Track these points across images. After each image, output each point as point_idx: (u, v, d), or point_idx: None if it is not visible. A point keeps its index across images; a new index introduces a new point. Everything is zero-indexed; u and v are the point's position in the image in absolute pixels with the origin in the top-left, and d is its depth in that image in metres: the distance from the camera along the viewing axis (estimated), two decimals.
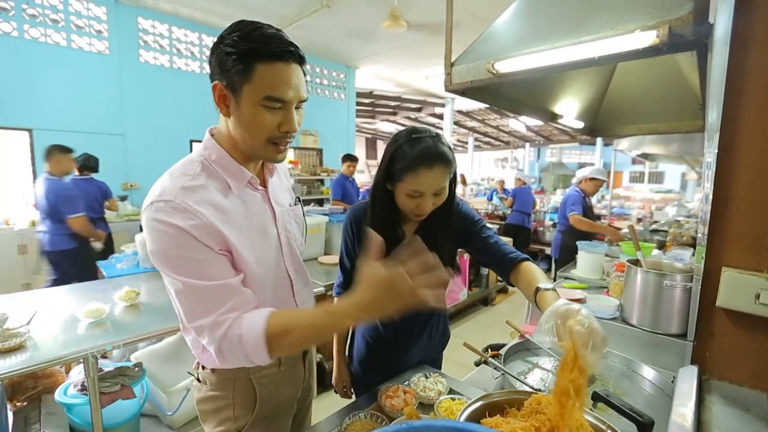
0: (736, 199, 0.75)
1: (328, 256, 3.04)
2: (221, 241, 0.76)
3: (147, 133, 4.79)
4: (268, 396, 0.94)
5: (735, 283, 0.73)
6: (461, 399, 1.00)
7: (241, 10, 4.72)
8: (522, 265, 1.03)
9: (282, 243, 0.93)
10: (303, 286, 1.00)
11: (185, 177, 0.77)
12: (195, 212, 0.73)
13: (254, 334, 0.70)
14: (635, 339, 1.42)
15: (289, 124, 0.77)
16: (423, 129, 1.02)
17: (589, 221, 3.36)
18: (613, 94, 2.04)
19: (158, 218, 0.71)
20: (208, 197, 0.77)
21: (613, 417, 0.80)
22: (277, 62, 0.72)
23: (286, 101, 0.75)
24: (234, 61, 0.71)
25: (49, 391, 1.84)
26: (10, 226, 3.65)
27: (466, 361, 1.43)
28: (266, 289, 0.87)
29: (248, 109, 0.74)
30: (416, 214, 1.04)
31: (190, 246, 0.72)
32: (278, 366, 0.96)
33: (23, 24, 3.94)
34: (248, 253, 0.81)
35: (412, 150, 0.97)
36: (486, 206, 7.41)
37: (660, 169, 15.22)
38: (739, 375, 0.76)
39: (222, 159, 0.81)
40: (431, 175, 0.97)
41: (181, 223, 0.70)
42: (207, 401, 0.95)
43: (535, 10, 1.13)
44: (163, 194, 0.73)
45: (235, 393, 0.92)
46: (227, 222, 0.78)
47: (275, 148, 0.80)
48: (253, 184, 0.87)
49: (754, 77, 0.73)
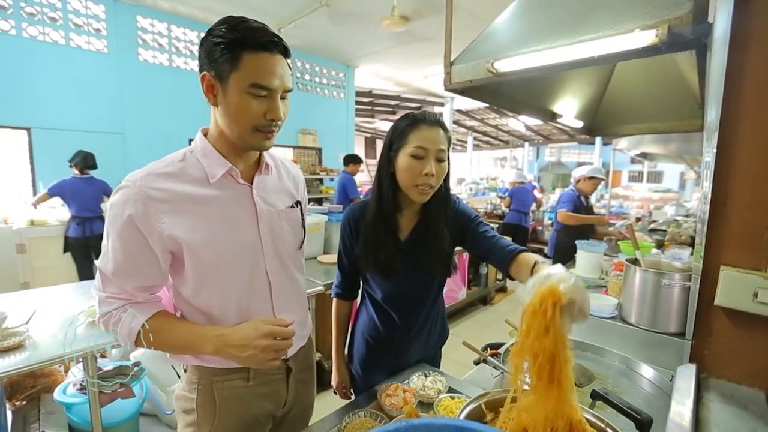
0: (735, 198, 0.75)
1: (328, 255, 3.04)
2: (165, 235, 0.78)
3: (146, 131, 4.78)
4: (229, 410, 0.90)
5: (733, 281, 0.73)
6: (460, 398, 1.00)
7: (241, 9, 4.71)
8: (520, 256, 1.02)
9: (264, 243, 0.90)
10: (286, 293, 0.96)
11: (161, 163, 0.83)
12: (147, 199, 0.77)
13: (132, 325, 0.80)
14: (634, 338, 1.43)
15: (274, 112, 0.79)
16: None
17: (575, 215, 3.36)
18: (613, 94, 2.05)
19: (113, 203, 0.78)
20: (176, 183, 0.81)
21: (612, 415, 0.80)
22: (263, 52, 0.76)
23: (271, 89, 0.78)
24: (222, 51, 0.75)
25: (48, 390, 1.84)
26: (9, 225, 3.64)
27: (465, 360, 1.44)
28: (231, 286, 0.86)
29: (235, 97, 0.77)
30: (421, 186, 1.02)
31: (129, 233, 0.77)
32: (246, 380, 0.91)
33: (21, 22, 3.92)
34: (203, 246, 0.81)
35: (412, 116, 1.05)
36: (485, 205, 7.41)
37: (659, 169, 15.26)
38: (737, 373, 0.77)
39: (205, 150, 0.85)
40: (433, 132, 1.02)
41: (130, 211, 0.76)
42: (179, 399, 0.95)
43: (534, 10, 1.13)
44: (132, 176, 0.79)
45: (198, 399, 0.90)
46: (187, 211, 0.80)
47: (262, 135, 0.82)
48: (234, 176, 0.86)
49: (753, 77, 0.73)
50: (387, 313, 1.20)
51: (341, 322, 1.32)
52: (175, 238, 0.78)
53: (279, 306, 0.94)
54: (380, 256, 1.10)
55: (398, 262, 1.11)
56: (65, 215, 3.72)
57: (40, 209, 3.79)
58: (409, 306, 1.19)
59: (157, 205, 0.77)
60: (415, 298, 1.19)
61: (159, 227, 0.77)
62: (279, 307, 0.94)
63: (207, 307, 0.86)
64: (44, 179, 4.04)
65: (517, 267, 0.99)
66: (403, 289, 1.17)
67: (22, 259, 3.58)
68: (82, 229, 3.61)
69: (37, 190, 4.07)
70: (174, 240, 0.79)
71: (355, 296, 1.32)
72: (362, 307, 1.30)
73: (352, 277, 1.27)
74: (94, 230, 3.65)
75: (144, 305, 0.83)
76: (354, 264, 1.21)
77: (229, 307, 0.87)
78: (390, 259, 1.11)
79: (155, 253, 0.79)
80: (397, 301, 1.19)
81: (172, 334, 0.82)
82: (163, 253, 0.80)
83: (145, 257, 0.79)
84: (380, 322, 1.22)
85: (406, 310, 1.19)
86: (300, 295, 1.03)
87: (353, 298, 1.32)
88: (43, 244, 3.68)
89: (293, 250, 0.98)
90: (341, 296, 1.30)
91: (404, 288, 1.17)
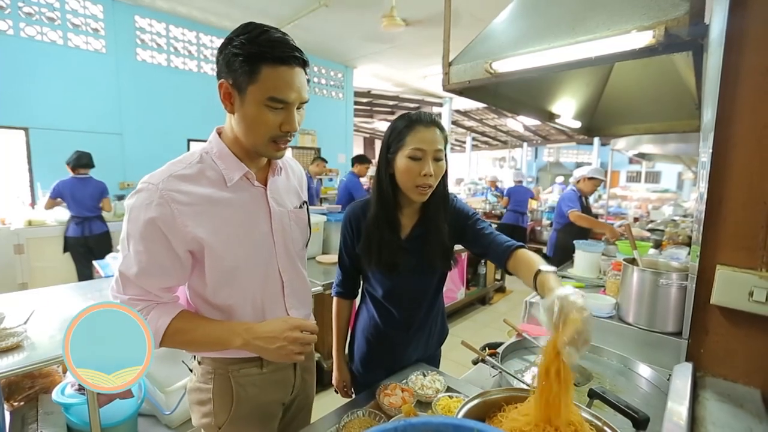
0: (730, 198, 0.76)
1: (326, 255, 3.04)
2: (189, 237, 0.79)
3: (144, 132, 4.77)
4: (246, 396, 0.94)
5: (729, 280, 0.73)
6: (459, 397, 1.00)
7: (239, 9, 4.71)
8: (518, 251, 1.03)
9: (276, 243, 0.93)
10: (296, 291, 0.99)
11: (179, 164, 0.83)
12: (170, 201, 0.77)
13: (158, 325, 0.80)
14: (631, 337, 1.43)
15: (290, 124, 0.81)
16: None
17: (589, 218, 3.37)
18: (610, 94, 2.06)
19: (133, 206, 0.78)
20: (196, 186, 0.81)
21: (610, 414, 0.81)
22: (281, 66, 0.76)
23: (288, 102, 0.79)
24: (241, 63, 0.75)
25: (46, 390, 1.83)
26: (6, 226, 3.63)
27: (463, 360, 1.44)
28: (248, 285, 0.89)
29: (252, 109, 0.78)
30: (420, 186, 1.03)
31: (152, 236, 0.77)
32: (260, 367, 0.95)
33: (19, 22, 3.91)
34: (224, 247, 0.83)
35: (408, 118, 1.06)
36: (483, 205, 7.43)
37: (656, 169, 15.29)
38: (733, 371, 0.77)
39: (221, 152, 0.86)
40: (429, 133, 1.02)
41: (154, 214, 0.76)
42: (193, 392, 0.97)
43: (532, 11, 1.14)
44: (151, 179, 0.79)
45: (214, 388, 0.93)
46: (208, 213, 0.81)
47: (275, 146, 0.84)
48: (250, 179, 0.88)
49: (748, 77, 0.74)
50: (387, 310, 1.20)
51: (342, 320, 1.32)
52: (198, 240, 0.80)
53: (290, 303, 0.97)
54: (383, 254, 1.11)
55: (401, 259, 1.13)
56: (63, 216, 3.71)
57: (38, 210, 3.79)
58: (409, 303, 1.20)
59: (180, 208, 0.78)
60: (416, 295, 1.20)
61: (183, 229, 0.78)
62: (290, 303, 0.97)
63: (226, 305, 0.89)
64: (42, 180, 4.03)
65: (515, 263, 1.02)
66: (404, 286, 1.18)
67: (20, 260, 3.58)
68: (81, 228, 3.59)
69: (35, 190, 4.07)
70: (197, 241, 0.80)
71: (356, 295, 1.32)
72: (362, 306, 1.30)
73: (353, 275, 1.27)
74: (93, 230, 3.64)
75: (167, 306, 0.84)
76: (355, 262, 1.22)
77: (246, 304, 0.90)
78: (393, 256, 1.12)
79: (178, 254, 0.80)
80: (397, 298, 1.19)
81: (198, 333, 0.83)
82: (185, 254, 0.82)
83: (168, 258, 0.80)
84: (381, 320, 1.22)
85: (407, 307, 1.20)
86: (307, 291, 1.06)
87: (354, 297, 1.32)
88: (41, 244, 3.67)
89: (300, 248, 1.02)
90: (342, 295, 1.30)
91: (405, 285, 1.18)
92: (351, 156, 6.44)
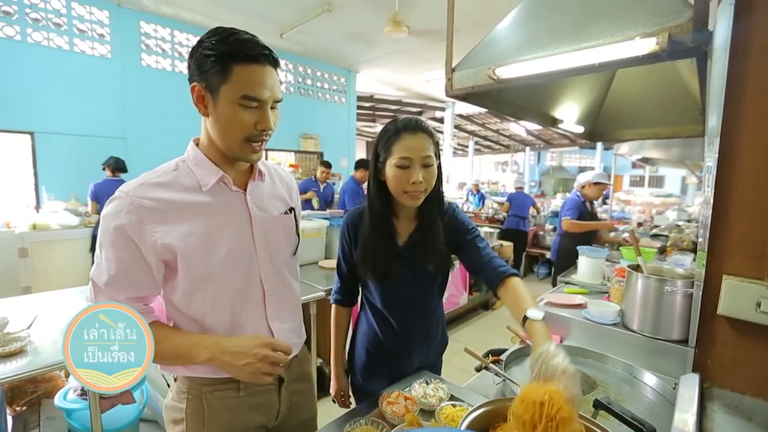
0: (737, 206, 0.75)
1: (329, 260, 3.04)
2: (158, 244, 0.78)
3: (149, 136, 4.80)
4: (219, 420, 0.89)
5: (736, 291, 0.72)
6: (462, 405, 0.99)
7: (243, 15, 4.74)
8: (510, 280, 1.02)
9: (258, 250, 0.90)
10: (280, 301, 0.95)
11: (154, 174, 0.83)
12: (139, 208, 0.77)
13: None
14: (636, 345, 1.42)
15: (265, 123, 0.81)
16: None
17: (579, 223, 3.33)
18: (613, 99, 2.05)
19: (105, 215, 0.78)
20: (169, 192, 0.81)
21: (615, 425, 0.79)
22: (253, 64, 0.77)
23: (262, 100, 0.79)
24: (212, 63, 0.76)
25: (48, 395, 1.83)
26: (11, 229, 3.65)
27: (467, 366, 1.43)
28: (224, 292, 0.86)
29: (226, 109, 0.78)
30: (411, 193, 1.03)
31: (121, 244, 0.77)
32: (236, 390, 0.90)
33: (26, 28, 3.96)
34: (197, 253, 0.81)
35: (395, 125, 1.05)
36: (485, 210, 7.41)
37: (660, 173, 15.23)
38: (741, 383, 0.76)
39: (197, 159, 0.86)
40: (416, 140, 1.02)
41: (122, 221, 0.76)
42: (168, 409, 0.93)
43: (535, 17, 1.14)
44: (125, 187, 0.79)
45: (187, 409, 0.89)
46: (179, 218, 0.80)
47: (251, 147, 0.83)
48: (227, 183, 0.86)
49: (754, 84, 0.74)
50: (386, 319, 1.19)
51: (340, 328, 1.31)
52: (168, 247, 0.78)
53: (272, 313, 0.93)
54: (378, 262, 1.11)
55: (396, 266, 1.12)
56: (68, 220, 3.74)
57: (42, 213, 3.81)
58: (408, 311, 1.19)
59: (150, 214, 0.77)
60: (415, 303, 1.19)
61: (152, 237, 0.77)
62: (272, 314, 0.93)
63: (200, 315, 0.86)
64: (47, 183, 4.06)
65: (505, 292, 1.03)
66: (402, 294, 1.17)
67: (24, 264, 3.59)
68: None
69: (40, 194, 4.09)
70: (168, 248, 0.78)
71: (355, 302, 1.31)
72: (362, 315, 1.29)
73: (351, 283, 1.26)
74: None
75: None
76: (353, 270, 1.21)
77: (223, 314, 0.87)
78: (387, 264, 1.11)
79: (149, 264, 0.79)
80: (396, 306, 1.18)
81: (165, 345, 0.79)
82: (157, 263, 0.80)
83: (138, 267, 0.79)
84: (380, 329, 1.21)
85: (406, 315, 1.19)
86: (294, 302, 1.02)
87: (352, 305, 1.32)
88: (45, 248, 3.68)
89: (288, 256, 0.99)
90: (340, 302, 1.29)
91: (403, 293, 1.17)
92: (354, 160, 6.46)
